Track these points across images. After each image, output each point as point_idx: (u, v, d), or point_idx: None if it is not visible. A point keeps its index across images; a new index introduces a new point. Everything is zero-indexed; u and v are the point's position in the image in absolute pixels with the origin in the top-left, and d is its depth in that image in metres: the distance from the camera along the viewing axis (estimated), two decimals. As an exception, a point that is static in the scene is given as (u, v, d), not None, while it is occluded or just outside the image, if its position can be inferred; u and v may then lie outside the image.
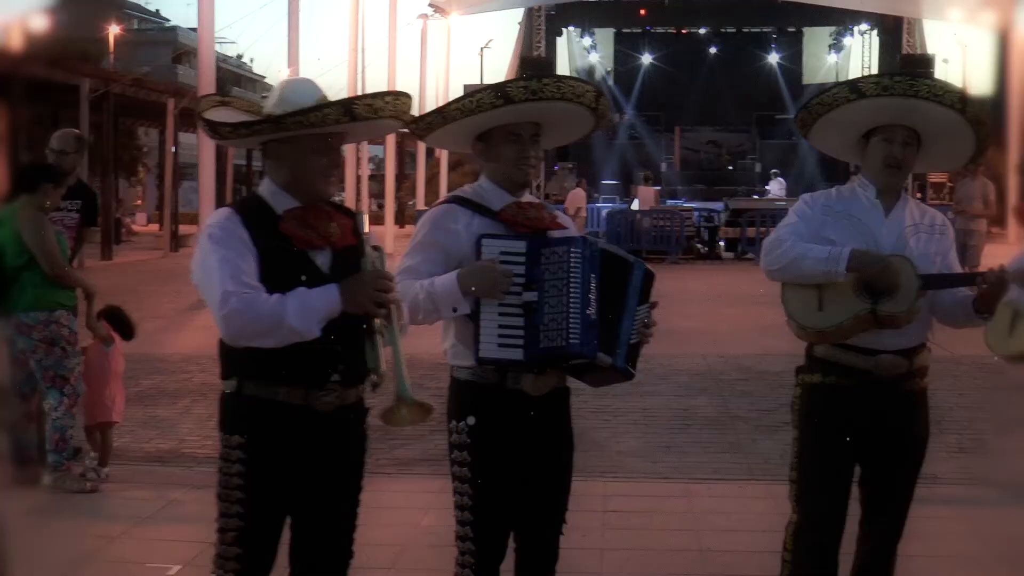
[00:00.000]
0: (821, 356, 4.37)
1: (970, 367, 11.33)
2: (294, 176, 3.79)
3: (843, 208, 4.38)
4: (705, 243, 29.67)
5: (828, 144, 4.61)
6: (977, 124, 4.27)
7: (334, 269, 3.76)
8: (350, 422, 3.93)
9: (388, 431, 8.88)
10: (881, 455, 4.37)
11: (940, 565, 6.06)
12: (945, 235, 4.48)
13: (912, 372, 4.36)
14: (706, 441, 8.85)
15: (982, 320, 4.35)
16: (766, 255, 4.37)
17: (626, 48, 48.44)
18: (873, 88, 4.23)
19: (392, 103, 3.86)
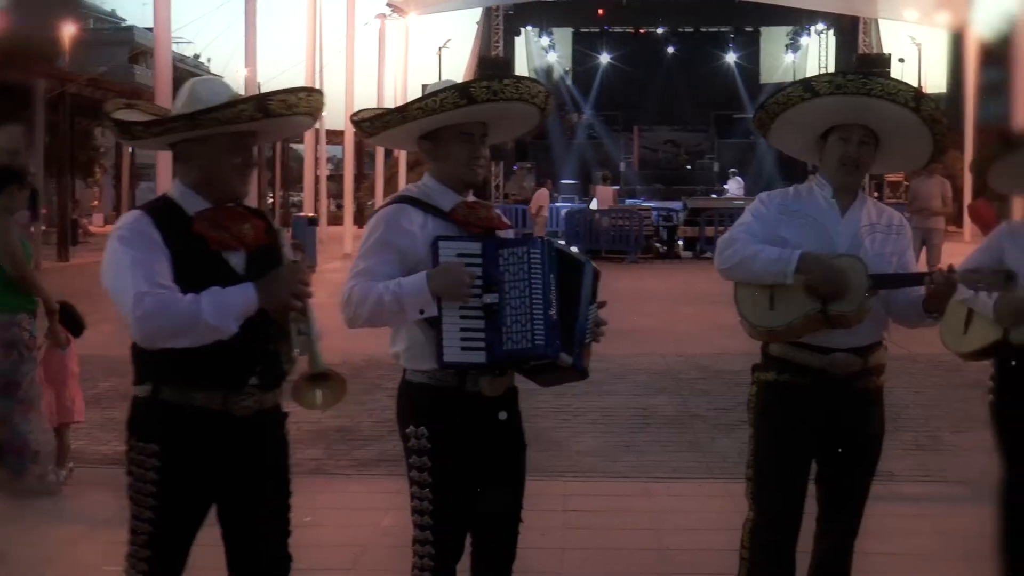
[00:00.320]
0: (776, 354, 4.39)
1: (926, 365, 11.41)
2: (207, 176, 3.73)
3: (799, 207, 4.40)
4: (664, 242, 29.78)
5: (787, 144, 4.62)
6: (932, 123, 4.27)
7: (249, 270, 3.72)
8: (268, 427, 3.88)
9: (348, 432, 8.95)
10: (836, 453, 4.39)
11: (898, 562, 6.10)
12: (902, 235, 4.49)
13: (867, 370, 4.38)
14: (665, 440, 8.88)
15: (932, 320, 4.37)
16: (719, 254, 4.39)
17: (584, 48, 48.54)
18: (826, 87, 4.24)
19: (306, 99, 3.83)
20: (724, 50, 47.90)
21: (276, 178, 48.87)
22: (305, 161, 33.18)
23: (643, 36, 48.15)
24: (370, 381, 10.95)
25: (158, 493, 3.69)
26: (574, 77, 48.24)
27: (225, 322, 3.57)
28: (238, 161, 3.75)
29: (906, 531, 6.60)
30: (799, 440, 4.36)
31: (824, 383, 4.30)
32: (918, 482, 7.64)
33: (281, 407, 3.94)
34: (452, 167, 4.11)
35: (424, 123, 4.04)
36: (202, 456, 3.70)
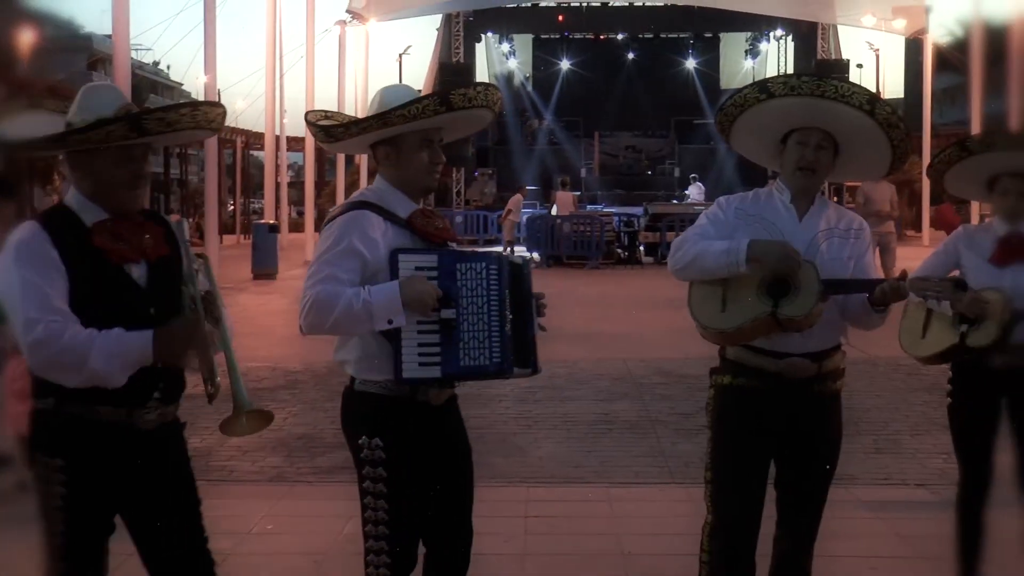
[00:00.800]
0: (732, 358, 4.41)
1: (886, 368, 11.50)
2: (98, 187, 3.67)
3: (757, 211, 4.41)
4: (625, 248, 29.82)
5: (748, 148, 4.62)
6: (889, 127, 4.28)
7: (151, 282, 3.69)
8: (170, 438, 3.86)
9: (310, 440, 8.91)
10: (794, 456, 4.41)
11: (857, 564, 6.13)
12: (861, 238, 4.50)
13: (822, 375, 4.39)
14: (627, 445, 8.89)
15: (879, 313, 4.37)
16: (671, 255, 4.41)
17: (545, 54, 48.63)
18: (781, 88, 4.25)
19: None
20: (684, 56, 48.11)
21: (237, 185, 48.68)
22: (266, 168, 33.08)
23: (603, 42, 48.28)
24: (332, 388, 10.89)
25: (66, 507, 3.64)
26: (534, 83, 48.31)
27: (111, 372, 3.51)
28: (125, 174, 3.66)
29: (866, 533, 6.65)
30: (756, 443, 4.37)
31: (780, 387, 4.32)
32: (878, 485, 7.69)
33: (179, 418, 3.91)
34: (413, 173, 4.09)
35: (395, 129, 4.02)
36: (107, 469, 3.66)
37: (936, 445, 8.28)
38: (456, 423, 4.22)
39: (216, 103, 3.87)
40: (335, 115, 4.29)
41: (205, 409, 3.88)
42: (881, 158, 4.44)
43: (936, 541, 5.75)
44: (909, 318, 5.30)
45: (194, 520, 3.92)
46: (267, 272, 24.28)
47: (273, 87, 31.80)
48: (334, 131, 4.14)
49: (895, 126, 4.28)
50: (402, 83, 4.27)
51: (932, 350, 5.16)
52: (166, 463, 3.82)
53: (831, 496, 4.56)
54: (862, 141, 4.36)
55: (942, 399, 5.33)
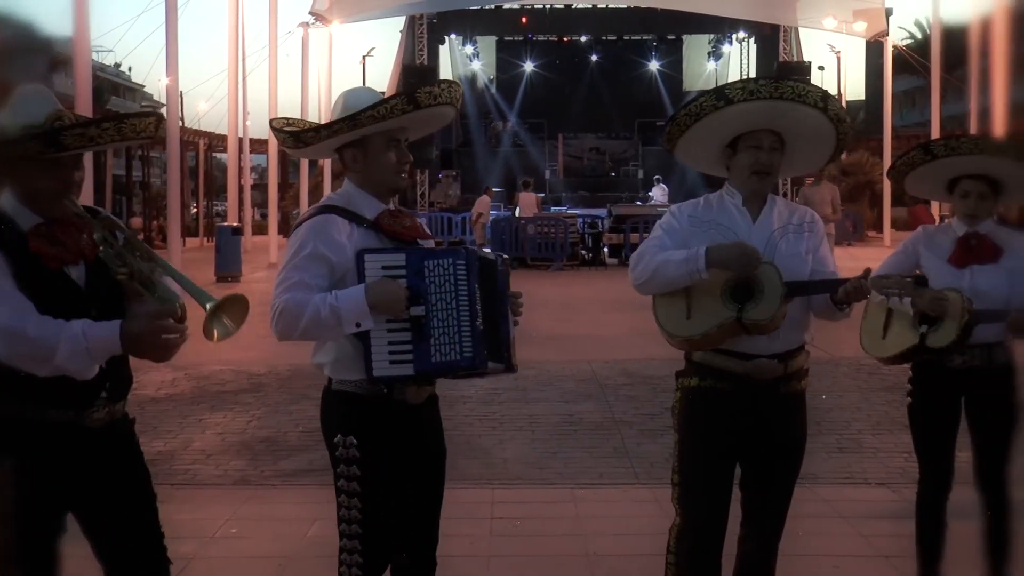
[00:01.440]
0: (698, 360, 4.42)
1: (848, 368, 11.58)
2: (26, 195, 3.64)
3: (710, 217, 4.43)
4: (589, 249, 29.87)
5: (693, 156, 4.60)
6: (838, 122, 4.35)
7: (90, 282, 3.66)
8: (120, 436, 3.83)
9: (274, 443, 8.89)
10: (760, 457, 4.43)
11: (821, 564, 6.17)
12: (815, 231, 4.53)
13: (788, 375, 4.42)
14: (592, 446, 8.91)
15: (842, 311, 4.41)
16: (632, 269, 4.41)
17: (508, 56, 48.63)
18: (740, 94, 4.26)
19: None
20: (647, 58, 48.21)
21: (200, 188, 48.44)
22: (229, 170, 32.89)
23: (567, 44, 48.34)
24: (296, 391, 10.89)
25: (17, 510, 3.62)
26: (498, 85, 48.31)
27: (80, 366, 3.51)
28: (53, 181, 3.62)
29: (828, 532, 6.69)
30: (724, 445, 4.39)
31: (746, 388, 4.34)
32: (840, 484, 7.74)
33: (128, 415, 3.89)
34: (381, 173, 4.10)
35: (364, 131, 4.03)
36: (57, 469, 3.64)
37: (898, 444, 8.34)
38: (434, 424, 4.23)
39: (147, 113, 3.84)
40: (296, 122, 4.29)
41: (168, 413, 3.88)
42: (823, 153, 4.52)
43: (898, 540, 5.80)
44: (870, 319, 5.34)
45: (148, 517, 3.90)
46: (231, 275, 24.17)
47: (236, 89, 31.62)
48: (304, 136, 4.13)
49: (843, 120, 4.37)
50: (364, 86, 4.26)
51: (892, 351, 5.21)
52: (116, 461, 3.80)
53: (795, 495, 4.59)
54: (810, 137, 4.42)
55: (903, 399, 5.38)
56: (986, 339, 5.02)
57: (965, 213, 5.15)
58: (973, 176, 5.07)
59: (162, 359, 3.62)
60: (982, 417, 5.15)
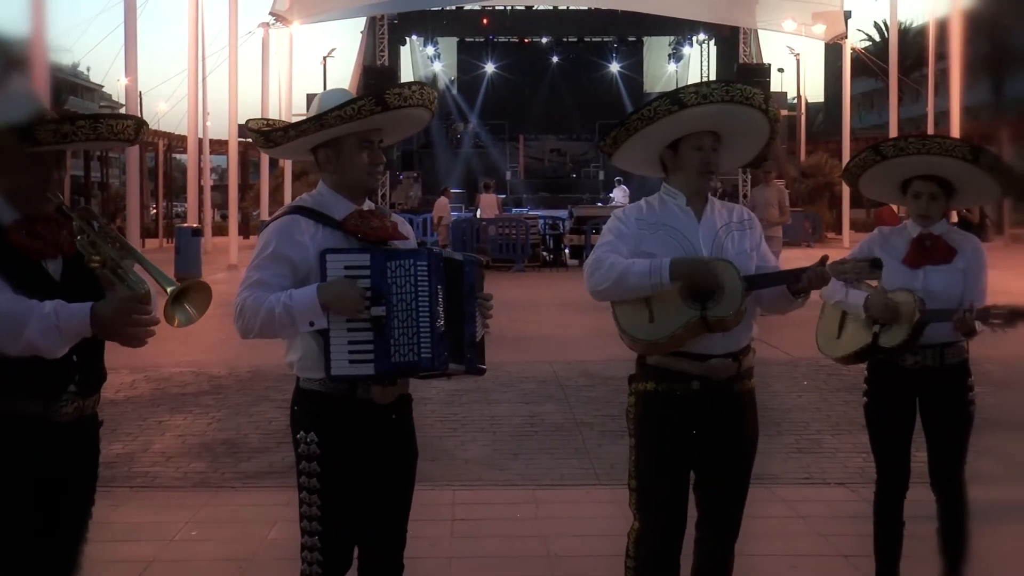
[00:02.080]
0: (654, 364, 4.43)
1: (807, 369, 11.64)
2: (8, 191, 3.68)
3: (656, 219, 4.46)
4: (550, 251, 29.92)
5: (631, 160, 4.63)
6: (774, 121, 4.46)
7: (66, 276, 3.69)
8: (86, 435, 3.83)
9: (234, 445, 8.86)
10: (714, 457, 4.45)
11: (779, 563, 6.21)
12: (753, 228, 4.60)
13: (741, 374, 4.46)
14: (553, 447, 8.92)
15: (800, 301, 4.46)
16: (589, 277, 4.40)
17: (469, 57, 48.65)
18: (694, 98, 4.30)
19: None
20: (608, 60, 48.37)
21: (159, 189, 48.19)
22: (188, 171, 32.75)
23: (528, 46, 48.40)
24: (257, 393, 10.85)
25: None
26: (459, 86, 48.32)
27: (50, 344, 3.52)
28: (33, 178, 3.66)
29: (787, 533, 6.73)
30: (680, 448, 4.41)
31: (703, 389, 4.37)
32: (799, 484, 7.79)
33: (98, 415, 3.89)
34: (353, 174, 4.12)
35: (335, 131, 4.04)
36: (25, 463, 3.63)
37: (856, 444, 8.40)
38: (405, 427, 4.22)
39: (125, 116, 3.86)
40: (276, 122, 4.31)
41: (128, 415, 3.86)
42: (754, 151, 4.62)
43: (857, 539, 5.84)
44: (825, 320, 5.40)
45: (81, 520, 3.88)
46: (190, 276, 23.98)
47: (196, 90, 31.48)
48: (273, 136, 4.15)
49: (777, 119, 4.47)
50: (341, 88, 4.27)
51: (847, 350, 5.26)
52: (76, 459, 3.79)
53: (754, 496, 4.62)
54: (748, 136, 4.52)
55: (861, 399, 5.41)
56: (939, 339, 5.07)
57: (917, 214, 5.20)
58: (924, 177, 5.12)
59: (131, 344, 3.62)
60: (936, 417, 5.20)
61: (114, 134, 3.76)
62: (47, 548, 3.76)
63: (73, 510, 3.83)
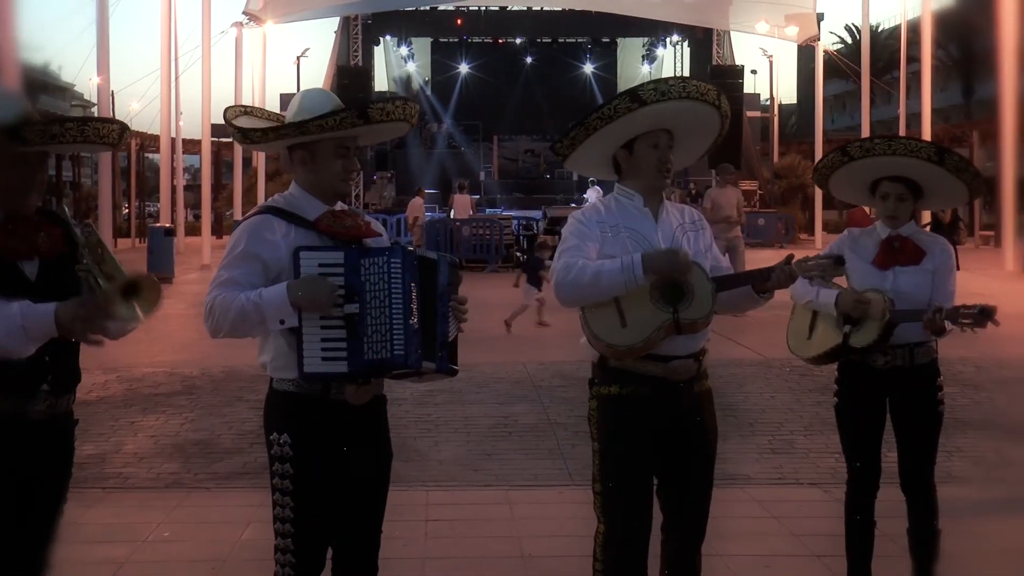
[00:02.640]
0: (616, 367, 4.42)
1: (780, 370, 11.68)
2: None
3: (616, 221, 4.45)
4: (524, 251, 29.91)
5: (585, 161, 4.63)
6: (724, 117, 4.48)
7: (42, 278, 3.68)
8: (58, 433, 3.83)
9: (208, 446, 8.83)
10: (677, 458, 4.45)
11: (753, 563, 6.23)
12: (706, 228, 4.63)
13: (700, 374, 4.49)
14: (526, 448, 8.93)
15: (764, 299, 4.48)
16: (560, 282, 4.34)
17: (443, 57, 48.68)
18: (653, 95, 4.30)
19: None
20: (582, 61, 48.49)
21: (132, 188, 47.98)
22: (161, 171, 32.66)
23: (502, 46, 48.47)
24: (230, 393, 10.82)
25: None
26: (433, 87, 48.35)
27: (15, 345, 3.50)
28: (16, 178, 3.66)
29: (760, 532, 6.76)
30: (644, 450, 4.41)
31: (665, 390, 4.38)
32: (772, 485, 7.82)
33: (73, 413, 3.88)
34: (327, 178, 4.12)
35: (311, 137, 4.06)
36: None
37: (828, 445, 8.43)
38: (379, 427, 4.21)
39: (110, 120, 3.86)
40: (255, 110, 4.32)
41: (100, 416, 3.85)
42: (704, 147, 4.65)
43: (829, 539, 5.87)
44: (796, 320, 5.43)
45: (52, 518, 3.86)
46: (163, 276, 23.92)
47: (168, 89, 31.40)
48: (251, 135, 4.17)
49: (727, 116, 4.48)
50: (321, 88, 4.28)
51: (817, 350, 5.30)
52: (49, 457, 3.79)
53: (727, 496, 4.65)
54: (700, 133, 4.54)
55: (832, 399, 5.44)
56: (909, 339, 5.12)
57: (886, 215, 5.24)
58: (891, 178, 5.16)
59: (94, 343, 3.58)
60: (906, 417, 5.24)
61: (99, 137, 3.76)
62: (17, 546, 3.75)
63: (45, 508, 3.82)
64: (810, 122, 45.39)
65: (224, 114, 4.31)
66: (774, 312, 4.63)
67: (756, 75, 53.93)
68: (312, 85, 31.72)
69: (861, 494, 5.34)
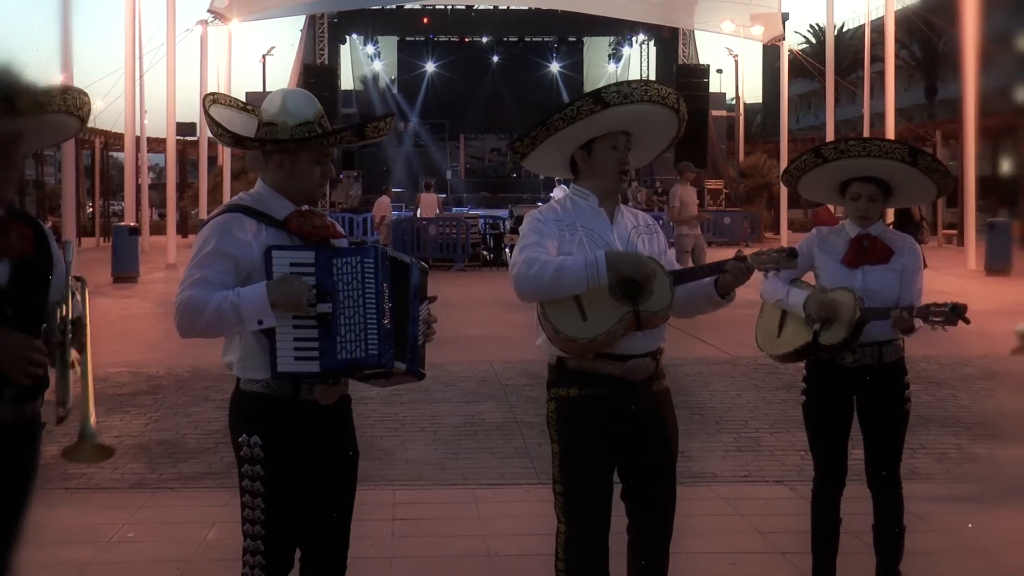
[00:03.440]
0: (575, 368, 4.42)
1: (746, 368, 11.71)
2: None
3: (573, 221, 4.47)
4: (491, 250, 29.94)
5: (543, 161, 4.64)
6: (682, 121, 4.51)
7: (12, 281, 3.64)
8: (27, 435, 3.81)
9: (173, 446, 8.79)
10: (638, 458, 4.46)
11: (719, 561, 6.25)
12: (659, 232, 4.66)
13: (657, 373, 4.51)
14: (493, 446, 8.93)
15: (726, 302, 4.50)
16: (523, 277, 4.31)
17: (410, 56, 48.62)
18: (616, 97, 4.32)
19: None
20: (548, 59, 48.53)
21: (96, 187, 47.66)
22: (126, 169, 32.43)
23: (468, 45, 48.45)
24: (196, 393, 10.76)
25: None
26: (400, 85, 48.28)
27: None
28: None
29: (726, 530, 6.78)
30: (604, 451, 4.43)
31: (624, 390, 4.39)
32: (738, 482, 7.85)
33: (40, 416, 3.85)
34: (304, 184, 4.12)
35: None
36: None
37: (794, 442, 8.47)
38: (346, 427, 4.21)
39: (84, 92, 3.83)
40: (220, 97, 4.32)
41: (64, 416, 3.80)
42: (659, 149, 4.70)
43: (795, 536, 5.89)
44: (765, 318, 5.46)
45: (17, 521, 3.83)
46: (128, 275, 23.82)
47: (133, 87, 31.17)
48: (247, 143, 4.18)
49: (684, 119, 4.52)
50: (303, 90, 4.27)
51: (787, 348, 5.32)
52: (15, 461, 3.76)
53: (693, 494, 4.66)
54: (657, 136, 4.57)
55: (800, 397, 5.48)
56: (878, 337, 5.15)
57: (856, 215, 5.28)
58: (863, 179, 5.20)
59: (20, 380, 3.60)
60: (873, 415, 5.28)
61: (77, 108, 3.75)
62: None
63: (10, 512, 3.79)
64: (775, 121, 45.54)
65: (202, 100, 4.29)
66: (740, 311, 4.66)
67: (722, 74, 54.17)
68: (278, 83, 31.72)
69: (827, 491, 5.37)
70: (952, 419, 9.69)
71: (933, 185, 5.19)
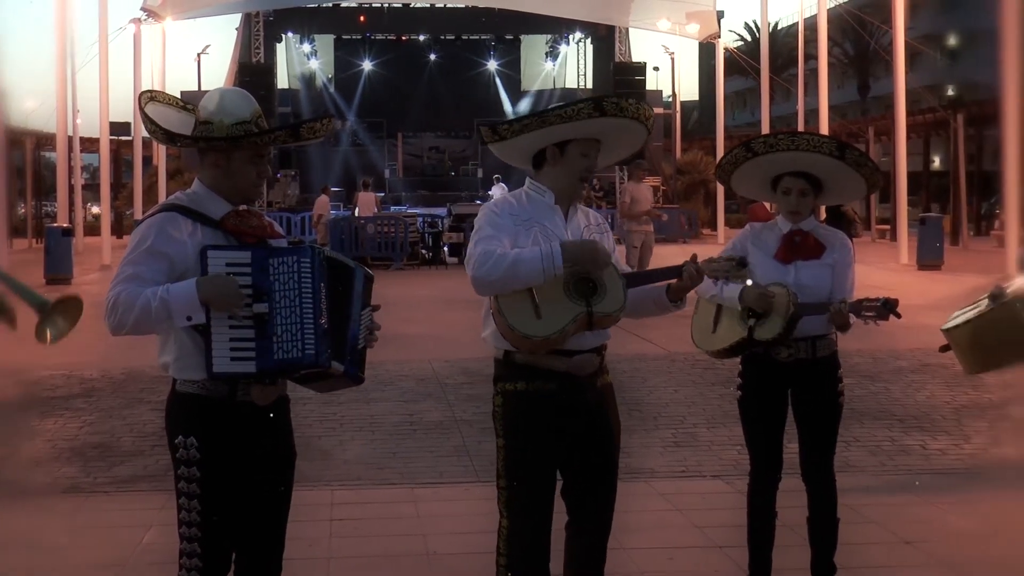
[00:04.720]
0: (522, 362, 4.45)
1: (684, 364, 11.77)
2: None
3: (528, 216, 4.49)
4: (429, 249, 29.90)
5: (518, 152, 4.67)
6: (648, 132, 4.60)
7: None
8: None
9: (107, 449, 8.70)
10: (581, 453, 4.50)
11: (656, 556, 6.27)
12: (609, 232, 4.72)
13: (602, 368, 4.55)
14: (432, 445, 8.92)
15: (676, 307, 4.54)
16: (479, 268, 4.31)
17: (346, 55, 48.43)
18: (613, 108, 4.41)
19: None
20: (485, 58, 48.54)
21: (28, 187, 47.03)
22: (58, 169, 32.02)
23: (405, 43, 48.35)
24: (131, 395, 10.66)
25: None
26: (337, 84, 48.06)
27: None
28: None
29: (664, 525, 6.82)
30: (548, 446, 4.45)
31: (570, 385, 4.41)
32: (676, 478, 7.89)
33: None
34: (240, 183, 4.10)
35: None
36: None
37: (731, 437, 8.53)
38: (283, 428, 4.19)
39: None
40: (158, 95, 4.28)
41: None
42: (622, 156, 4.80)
43: (732, 530, 5.94)
44: (700, 315, 5.49)
45: None
46: (61, 277, 23.52)
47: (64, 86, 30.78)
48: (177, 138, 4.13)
49: (651, 131, 4.64)
50: (239, 89, 4.24)
51: (722, 344, 5.36)
52: None
53: (631, 490, 4.69)
54: (624, 145, 4.67)
55: (736, 392, 5.51)
56: (811, 332, 5.20)
57: (787, 210, 5.32)
58: (793, 173, 5.25)
59: None
60: (807, 408, 5.33)
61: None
62: None
63: None
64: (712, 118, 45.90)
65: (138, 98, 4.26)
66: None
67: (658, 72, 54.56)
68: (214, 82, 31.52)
69: (763, 485, 5.42)
70: (885, 412, 9.81)
71: (862, 180, 5.24)
